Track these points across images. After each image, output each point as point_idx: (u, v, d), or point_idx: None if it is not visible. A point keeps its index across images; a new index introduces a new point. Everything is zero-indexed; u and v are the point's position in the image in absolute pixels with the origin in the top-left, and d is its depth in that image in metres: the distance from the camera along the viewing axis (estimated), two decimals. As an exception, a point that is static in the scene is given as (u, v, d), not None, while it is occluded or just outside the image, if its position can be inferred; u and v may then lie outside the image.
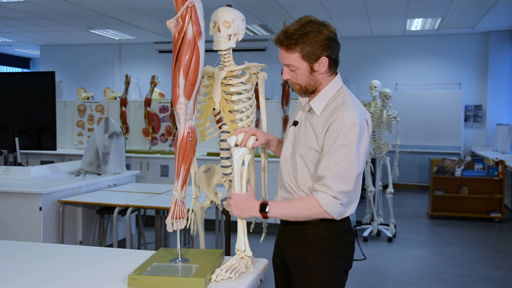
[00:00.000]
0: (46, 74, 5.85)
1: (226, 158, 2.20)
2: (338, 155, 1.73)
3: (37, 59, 13.03)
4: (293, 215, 1.80)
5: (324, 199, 1.73)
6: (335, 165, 1.73)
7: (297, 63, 1.80)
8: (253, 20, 8.00)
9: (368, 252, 5.15)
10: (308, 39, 1.75)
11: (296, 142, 1.89)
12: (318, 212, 1.75)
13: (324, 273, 1.84)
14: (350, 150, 1.73)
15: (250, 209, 1.79)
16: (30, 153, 6.63)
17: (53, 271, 1.87)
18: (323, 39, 1.76)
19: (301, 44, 1.76)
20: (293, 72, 1.83)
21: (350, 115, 1.76)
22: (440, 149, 9.00)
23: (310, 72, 1.81)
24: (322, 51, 1.77)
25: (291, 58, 1.80)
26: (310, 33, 1.75)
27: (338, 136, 1.74)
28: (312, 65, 1.80)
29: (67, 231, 4.10)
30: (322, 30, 1.76)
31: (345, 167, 1.73)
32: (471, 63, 9.32)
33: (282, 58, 1.83)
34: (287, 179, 1.91)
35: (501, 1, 6.82)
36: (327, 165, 1.74)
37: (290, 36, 1.76)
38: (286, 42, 1.77)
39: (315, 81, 1.83)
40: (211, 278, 1.72)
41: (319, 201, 1.73)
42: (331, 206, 1.73)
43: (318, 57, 1.78)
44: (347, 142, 1.74)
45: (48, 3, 7.19)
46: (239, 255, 1.82)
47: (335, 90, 1.85)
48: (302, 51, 1.77)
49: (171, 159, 6.17)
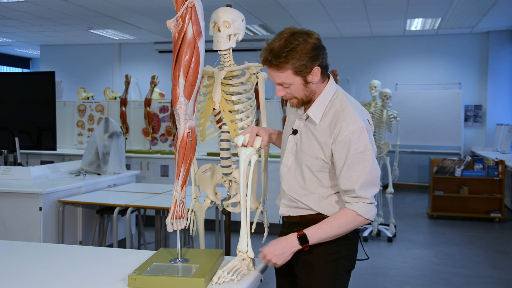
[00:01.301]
0: (46, 74, 5.86)
1: (226, 158, 2.20)
2: (358, 165, 1.72)
3: (37, 59, 13.03)
4: (334, 234, 1.77)
5: (361, 208, 1.73)
6: (360, 175, 1.72)
7: (290, 80, 1.75)
8: (253, 20, 8.00)
9: (368, 252, 5.12)
10: (297, 54, 1.70)
11: (299, 152, 1.87)
12: (360, 222, 1.76)
13: (329, 273, 1.84)
14: (368, 156, 1.73)
15: (289, 247, 1.75)
16: (30, 153, 6.63)
17: (53, 271, 1.87)
18: (311, 49, 1.71)
19: (291, 60, 1.70)
20: (287, 88, 1.79)
21: (354, 122, 1.74)
22: (440, 149, 9.00)
23: (304, 85, 1.77)
24: (313, 61, 1.73)
25: (283, 76, 1.75)
26: (297, 46, 1.69)
27: (350, 146, 1.72)
28: (306, 78, 1.75)
29: (67, 231, 4.10)
30: (308, 40, 1.71)
31: (370, 174, 1.73)
32: (471, 63, 9.32)
33: (274, 78, 1.78)
34: (290, 191, 1.89)
35: (501, 1, 6.82)
36: (350, 178, 1.73)
37: (278, 55, 1.70)
38: (276, 61, 1.71)
39: (310, 91, 1.80)
40: (213, 280, 1.70)
41: (358, 212, 1.73)
42: (370, 212, 1.74)
43: (311, 68, 1.73)
44: (361, 148, 1.72)
45: (48, 3, 7.19)
46: (240, 256, 1.81)
47: (331, 95, 1.83)
48: (294, 67, 1.72)
49: (171, 159, 6.17)
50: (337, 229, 1.75)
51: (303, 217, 1.88)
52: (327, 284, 1.84)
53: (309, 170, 1.84)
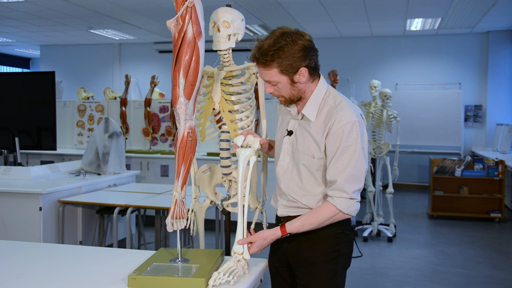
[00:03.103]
0: (46, 74, 5.85)
1: (226, 158, 2.20)
2: (345, 158, 1.75)
3: (37, 59, 13.03)
4: (315, 227, 1.82)
5: (341, 203, 1.76)
6: (344, 168, 1.75)
7: (276, 78, 1.78)
8: (253, 20, 8.00)
9: (368, 252, 5.15)
10: (284, 53, 1.72)
11: (296, 152, 1.88)
12: (339, 217, 1.79)
13: (330, 271, 1.86)
14: (355, 150, 1.75)
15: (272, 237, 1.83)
16: (30, 153, 6.63)
17: (53, 271, 1.87)
18: (299, 50, 1.73)
19: (278, 59, 1.73)
20: (275, 86, 1.81)
21: (347, 115, 1.77)
22: (440, 149, 9.00)
23: (291, 84, 1.79)
24: (300, 62, 1.74)
25: (269, 74, 1.77)
26: (284, 46, 1.71)
27: (342, 139, 1.75)
28: (292, 77, 1.77)
29: (67, 231, 4.10)
30: (296, 41, 1.73)
31: (354, 168, 1.75)
32: (471, 63, 9.32)
33: (262, 75, 1.82)
34: (289, 191, 1.90)
35: (501, 1, 6.82)
36: (336, 169, 1.76)
37: (265, 53, 1.73)
38: (262, 59, 1.74)
39: (297, 91, 1.82)
40: (209, 283, 1.67)
41: (337, 207, 1.76)
42: (350, 208, 1.77)
43: (297, 69, 1.75)
44: (350, 142, 1.75)
45: (48, 3, 7.19)
46: (236, 258, 1.79)
47: (323, 93, 1.86)
48: (280, 66, 1.74)
49: (171, 159, 6.17)
50: (317, 223, 1.81)
51: None
52: (328, 282, 1.86)
53: (306, 169, 1.85)
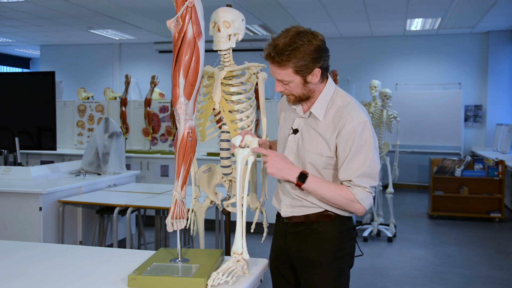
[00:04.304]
0: (46, 74, 5.85)
1: (226, 158, 2.20)
2: (359, 158, 1.76)
3: (37, 59, 13.03)
4: (327, 197, 1.79)
5: (360, 193, 1.77)
6: (359, 167, 1.76)
7: (289, 78, 1.78)
8: (253, 20, 8.00)
9: (368, 252, 5.15)
10: (300, 53, 1.71)
11: (302, 150, 1.87)
12: (352, 206, 1.78)
13: (335, 271, 1.86)
14: (369, 149, 1.77)
15: (288, 171, 1.77)
16: (30, 153, 6.63)
17: (53, 271, 1.87)
18: (314, 51, 1.73)
19: (293, 59, 1.72)
20: (286, 85, 1.81)
21: (358, 115, 1.78)
22: (440, 149, 9.00)
23: (303, 84, 1.80)
24: (315, 63, 1.75)
25: (283, 73, 1.77)
26: (301, 46, 1.71)
27: (355, 139, 1.76)
28: (305, 78, 1.78)
29: (67, 231, 4.10)
30: (312, 41, 1.73)
31: (369, 167, 1.76)
32: (471, 63, 9.32)
33: (274, 74, 1.81)
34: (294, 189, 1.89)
35: (501, 1, 6.82)
36: (350, 169, 1.77)
37: (281, 52, 1.72)
38: (278, 58, 1.73)
39: (308, 90, 1.82)
40: (207, 283, 1.66)
41: (356, 196, 1.76)
42: (366, 200, 1.78)
43: (311, 69, 1.76)
44: (364, 141, 1.76)
45: (48, 3, 7.19)
46: (235, 258, 1.78)
47: (331, 93, 1.87)
48: (295, 66, 1.74)
49: (171, 159, 6.17)
50: (332, 194, 1.78)
51: (307, 216, 1.88)
52: (333, 281, 1.86)
53: (313, 168, 1.85)
